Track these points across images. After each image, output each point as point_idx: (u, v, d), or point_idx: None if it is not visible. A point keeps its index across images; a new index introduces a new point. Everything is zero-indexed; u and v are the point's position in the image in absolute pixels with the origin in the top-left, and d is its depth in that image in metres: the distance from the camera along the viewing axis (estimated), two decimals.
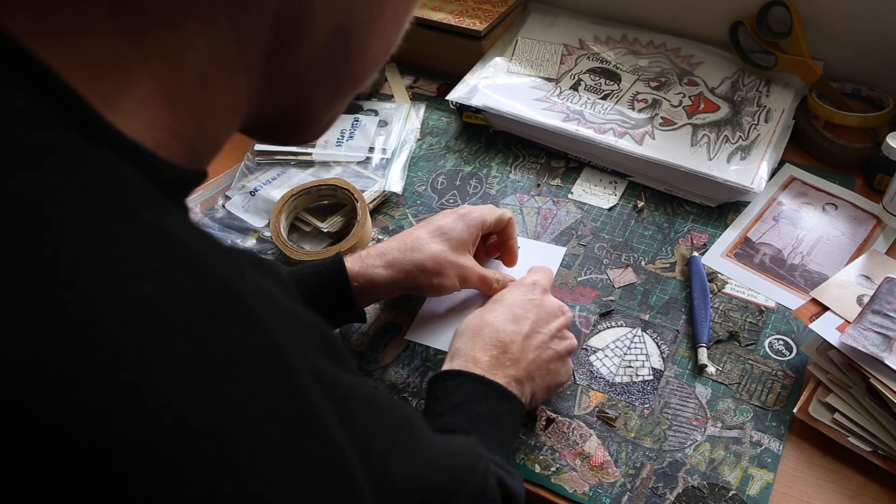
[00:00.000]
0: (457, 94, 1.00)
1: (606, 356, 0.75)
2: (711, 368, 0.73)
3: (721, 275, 0.82)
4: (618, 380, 0.73)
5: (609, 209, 0.90)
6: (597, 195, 0.92)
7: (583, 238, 0.87)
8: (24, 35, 0.27)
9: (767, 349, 0.75)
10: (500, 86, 1.01)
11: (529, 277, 0.73)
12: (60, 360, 0.23)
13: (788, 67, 0.97)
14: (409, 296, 0.81)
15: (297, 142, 0.44)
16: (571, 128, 0.94)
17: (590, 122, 0.95)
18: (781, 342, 0.75)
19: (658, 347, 0.76)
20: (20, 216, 0.24)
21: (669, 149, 0.91)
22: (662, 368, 0.74)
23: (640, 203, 0.90)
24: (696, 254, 0.83)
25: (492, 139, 1.01)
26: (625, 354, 0.75)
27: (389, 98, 1.08)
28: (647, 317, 0.78)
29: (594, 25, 1.10)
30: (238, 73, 0.34)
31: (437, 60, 1.11)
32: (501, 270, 0.82)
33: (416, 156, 1.00)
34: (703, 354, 0.73)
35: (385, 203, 0.94)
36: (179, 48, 0.31)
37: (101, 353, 0.23)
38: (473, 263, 0.76)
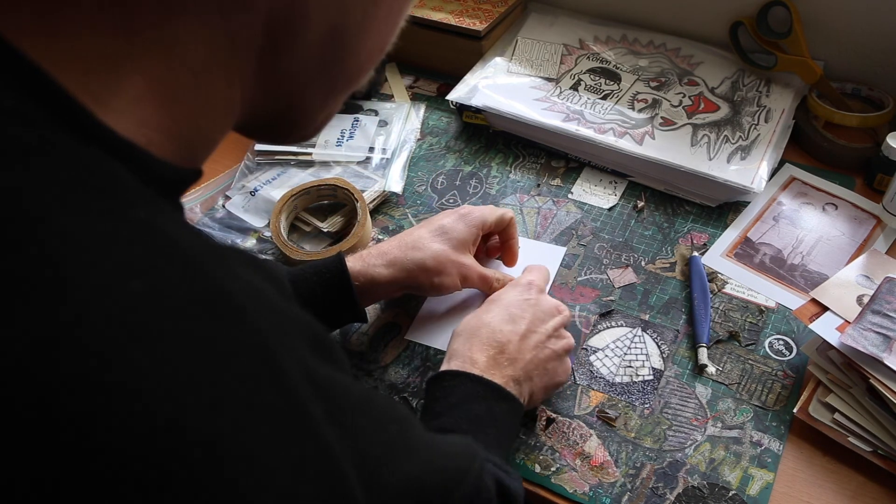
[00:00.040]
0: (457, 94, 1.00)
1: (606, 356, 0.75)
2: (711, 368, 0.73)
3: (721, 275, 0.81)
4: (618, 380, 0.73)
5: (609, 209, 0.90)
6: (597, 195, 0.92)
7: (583, 238, 0.87)
8: (16, 34, 0.27)
9: (767, 349, 0.74)
10: (500, 86, 1.01)
11: (525, 277, 0.73)
12: (44, 361, 0.23)
13: (788, 67, 0.97)
14: (410, 296, 0.81)
15: (292, 141, 0.43)
16: (571, 128, 0.94)
17: (590, 122, 0.95)
18: (781, 342, 0.75)
19: (658, 347, 0.75)
20: (5, 215, 0.24)
21: (669, 149, 0.91)
22: (662, 368, 0.74)
23: (640, 203, 0.90)
24: (696, 254, 0.83)
25: (492, 139, 1.01)
26: (625, 354, 0.75)
27: (389, 98, 1.08)
28: (648, 317, 0.78)
29: (594, 25, 1.10)
30: (232, 73, 0.34)
31: (437, 60, 1.11)
32: (502, 270, 0.82)
33: (416, 156, 1.00)
34: (703, 354, 0.73)
35: (385, 203, 0.94)
36: (172, 47, 0.31)
37: (86, 353, 0.23)
38: (474, 263, 0.76)
